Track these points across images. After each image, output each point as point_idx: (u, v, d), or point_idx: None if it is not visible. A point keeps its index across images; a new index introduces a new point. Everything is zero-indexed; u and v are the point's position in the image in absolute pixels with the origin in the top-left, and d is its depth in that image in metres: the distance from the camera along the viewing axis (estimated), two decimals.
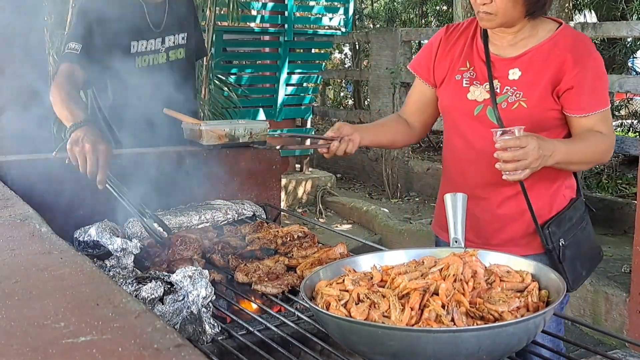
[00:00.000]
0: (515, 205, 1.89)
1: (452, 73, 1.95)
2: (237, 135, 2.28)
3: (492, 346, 1.06)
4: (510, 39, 1.88)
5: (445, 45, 1.99)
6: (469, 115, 1.90)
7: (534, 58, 1.85)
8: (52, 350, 0.78)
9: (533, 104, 1.82)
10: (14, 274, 1.05)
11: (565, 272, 1.87)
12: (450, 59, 1.96)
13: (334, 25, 6.91)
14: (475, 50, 1.94)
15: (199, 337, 1.35)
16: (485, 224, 1.94)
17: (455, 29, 2.02)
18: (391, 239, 5.37)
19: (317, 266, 1.54)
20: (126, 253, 1.67)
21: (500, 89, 1.86)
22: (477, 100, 1.88)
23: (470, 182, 1.91)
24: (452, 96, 1.95)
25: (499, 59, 1.89)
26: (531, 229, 1.90)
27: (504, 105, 1.84)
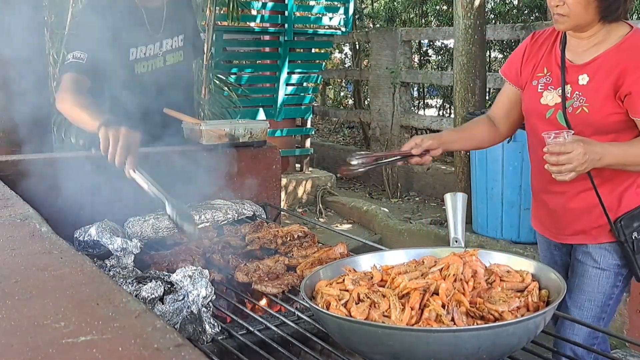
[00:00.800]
0: (585, 199, 2.02)
1: (531, 79, 2.08)
2: (237, 135, 2.28)
3: (492, 346, 1.06)
4: (585, 44, 1.97)
5: (530, 51, 2.11)
6: (542, 118, 2.03)
7: (602, 64, 1.93)
8: (52, 350, 0.78)
9: (594, 109, 1.92)
10: (14, 273, 1.04)
11: (637, 264, 2.01)
12: (533, 65, 2.09)
13: (334, 25, 6.91)
14: (553, 56, 2.04)
15: (199, 336, 1.35)
16: (559, 216, 2.10)
17: (540, 35, 2.12)
18: (391, 238, 5.37)
19: (317, 266, 1.54)
20: (126, 253, 1.67)
21: (571, 93, 1.97)
22: (549, 104, 2.01)
23: (545, 177, 2.01)
24: (529, 101, 2.09)
25: (572, 65, 1.99)
26: (602, 221, 2.02)
27: (570, 110, 1.96)
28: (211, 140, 2.23)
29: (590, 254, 2.06)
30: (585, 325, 1.91)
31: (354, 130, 9.99)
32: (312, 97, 7.02)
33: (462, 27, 4.99)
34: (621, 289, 2.11)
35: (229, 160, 2.26)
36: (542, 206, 2.16)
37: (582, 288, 2.08)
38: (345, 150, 8.23)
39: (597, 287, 2.07)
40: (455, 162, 5.39)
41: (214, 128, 2.25)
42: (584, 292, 2.09)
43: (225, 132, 2.25)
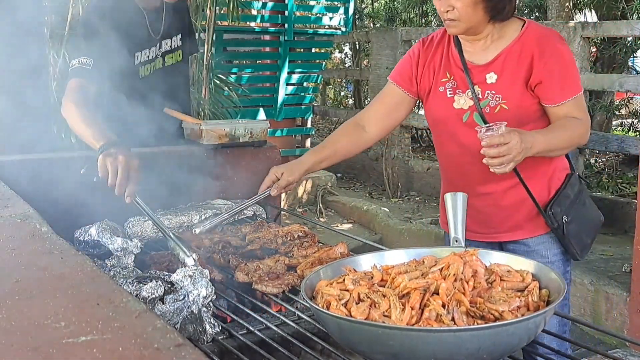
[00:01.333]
0: (516, 194, 2.01)
1: (435, 85, 2.05)
2: (238, 135, 2.28)
3: (493, 346, 1.06)
4: (481, 44, 1.97)
5: (424, 58, 2.08)
6: (459, 123, 2.00)
7: (506, 60, 1.94)
8: (52, 350, 0.78)
9: (513, 104, 1.93)
10: (14, 273, 1.05)
11: (572, 245, 2.03)
12: (433, 71, 2.06)
13: (334, 24, 6.91)
14: (452, 59, 2.03)
15: (199, 336, 1.35)
16: (491, 216, 2.07)
17: (431, 41, 2.10)
18: (391, 238, 5.37)
19: (318, 266, 1.54)
20: (126, 252, 1.67)
21: (482, 94, 1.96)
22: (463, 108, 1.99)
23: (471, 181, 2.02)
24: (440, 107, 2.04)
25: (475, 66, 1.98)
26: (533, 213, 2.03)
27: (487, 109, 1.95)
28: (211, 140, 2.23)
29: (534, 249, 2.05)
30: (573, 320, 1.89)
31: None
32: (313, 96, 7.02)
33: None
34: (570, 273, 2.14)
35: (229, 160, 2.26)
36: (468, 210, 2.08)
37: None
38: None
39: None
40: None
41: (215, 128, 2.25)
42: None
43: (226, 131, 2.25)
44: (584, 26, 4.92)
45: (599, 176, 6.25)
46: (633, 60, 7.57)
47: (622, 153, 5.60)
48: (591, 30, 4.82)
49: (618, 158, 6.54)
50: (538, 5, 7.67)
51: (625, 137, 5.22)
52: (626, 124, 7.73)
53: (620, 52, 6.36)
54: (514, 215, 2.05)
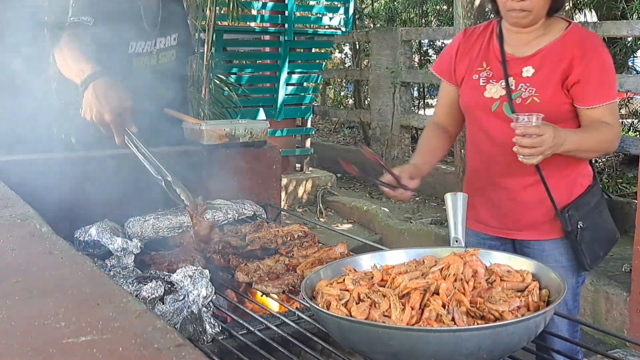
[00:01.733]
0: (534, 192, 2.01)
1: (470, 73, 2.08)
2: (238, 135, 2.27)
3: (493, 346, 1.06)
4: (524, 38, 2.00)
5: (464, 48, 2.11)
6: (487, 112, 2.02)
7: (546, 56, 1.97)
8: (52, 350, 0.78)
9: (545, 99, 1.94)
10: (14, 273, 1.04)
11: (583, 253, 2.02)
12: (469, 60, 2.09)
13: (334, 24, 6.90)
14: (491, 50, 2.05)
15: (199, 336, 1.35)
16: (507, 211, 2.08)
17: (473, 32, 2.14)
18: (391, 238, 5.37)
19: (318, 266, 1.54)
20: (126, 253, 1.67)
21: (515, 86, 1.98)
22: (494, 97, 2.01)
23: (492, 172, 2.06)
24: (471, 95, 2.07)
25: (514, 58, 2.01)
26: (551, 215, 2.02)
27: (519, 100, 1.96)
28: (211, 140, 2.23)
29: (549, 252, 2.04)
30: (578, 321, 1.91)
31: (354, 130, 9.99)
32: (313, 97, 7.01)
33: (462, 27, 4.98)
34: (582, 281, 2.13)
35: (230, 160, 2.26)
36: (486, 202, 2.11)
37: None
38: (345, 150, 8.23)
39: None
40: (456, 162, 5.39)
41: (215, 128, 2.25)
42: None
43: (226, 132, 2.25)
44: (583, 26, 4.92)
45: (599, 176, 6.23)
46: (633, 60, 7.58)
47: (622, 153, 5.60)
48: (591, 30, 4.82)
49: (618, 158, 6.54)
50: None
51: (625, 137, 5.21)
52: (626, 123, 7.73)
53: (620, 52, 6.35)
54: (530, 214, 2.05)
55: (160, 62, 2.42)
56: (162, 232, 1.93)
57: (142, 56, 2.36)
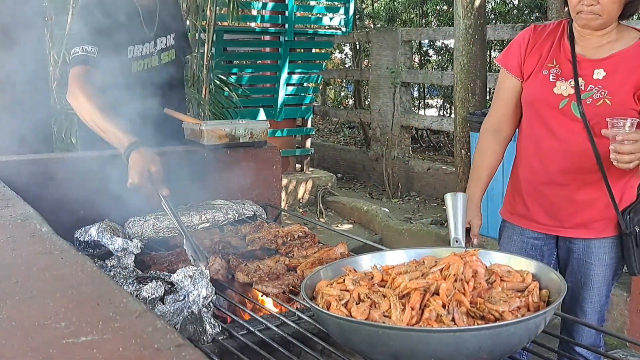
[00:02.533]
0: (592, 191, 2.02)
1: (540, 68, 2.06)
2: (238, 135, 2.28)
3: (493, 346, 1.06)
4: (596, 41, 2.00)
5: (533, 43, 2.09)
6: (554, 108, 2.02)
7: (619, 61, 1.98)
8: (52, 350, 0.78)
9: (617, 102, 1.95)
10: (14, 274, 1.05)
11: (636, 257, 2.04)
12: (539, 55, 2.07)
13: (335, 25, 6.91)
14: (562, 49, 2.05)
15: (199, 337, 1.35)
16: (560, 209, 2.08)
17: (543, 28, 2.12)
18: (392, 238, 5.37)
19: (318, 266, 1.54)
20: (127, 253, 1.67)
21: (584, 86, 1.98)
22: (563, 94, 2.00)
23: (550, 169, 2.05)
24: (539, 89, 2.05)
25: (585, 59, 2.01)
26: (604, 214, 2.03)
27: (589, 101, 1.97)
28: (212, 141, 2.23)
29: (593, 250, 2.06)
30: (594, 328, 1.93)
31: (354, 130, 10.00)
32: (313, 97, 7.01)
33: (463, 27, 4.99)
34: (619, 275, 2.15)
35: (230, 161, 2.26)
36: (538, 198, 2.12)
37: (590, 286, 2.09)
38: (345, 150, 8.23)
39: (603, 283, 2.08)
40: (456, 162, 5.39)
41: (215, 128, 2.25)
42: (592, 290, 2.09)
43: (226, 132, 2.25)
44: None
45: None
46: None
47: None
48: None
49: None
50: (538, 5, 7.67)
51: None
52: None
53: None
54: (584, 212, 2.05)
55: (162, 62, 2.43)
56: (162, 233, 1.93)
57: (143, 58, 2.36)
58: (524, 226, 2.17)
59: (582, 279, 2.10)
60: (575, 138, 1.98)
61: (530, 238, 2.17)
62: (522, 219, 2.17)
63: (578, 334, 2.10)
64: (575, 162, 1.99)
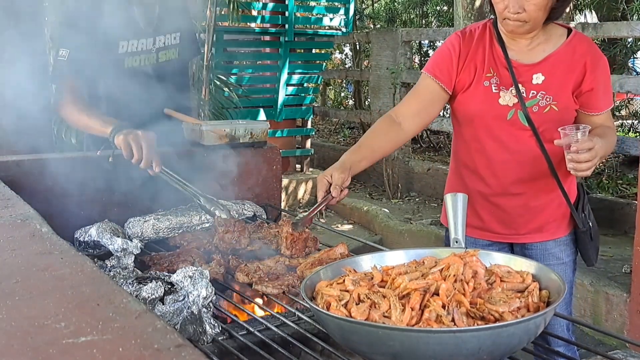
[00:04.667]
0: (546, 196, 2.04)
1: (479, 79, 2.01)
2: (238, 136, 2.28)
3: (493, 346, 1.06)
4: (526, 44, 1.98)
5: (465, 52, 2.03)
6: (502, 120, 1.99)
7: (556, 63, 1.96)
8: (52, 350, 0.78)
9: (562, 106, 1.95)
10: (14, 274, 1.05)
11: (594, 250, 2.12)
12: (475, 67, 2.02)
13: (335, 25, 6.91)
14: (495, 56, 2.01)
15: (199, 337, 1.35)
16: (515, 217, 2.08)
17: (470, 35, 2.06)
18: (391, 239, 5.37)
19: (318, 266, 1.54)
20: (126, 253, 1.67)
21: (526, 92, 1.96)
22: (509, 105, 1.98)
23: (503, 180, 2.04)
24: (482, 102, 2.01)
25: (521, 65, 1.98)
26: (556, 215, 2.07)
27: (535, 109, 1.96)
28: (212, 141, 2.23)
29: (551, 251, 2.09)
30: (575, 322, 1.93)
31: (354, 131, 10.00)
32: (313, 97, 7.02)
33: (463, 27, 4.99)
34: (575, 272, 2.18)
35: (230, 161, 2.26)
36: (491, 210, 2.09)
37: None
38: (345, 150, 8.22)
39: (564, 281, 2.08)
40: None
41: (215, 128, 2.25)
42: None
43: (226, 132, 2.25)
44: (584, 27, 4.92)
45: (599, 177, 6.24)
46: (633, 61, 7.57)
47: (622, 154, 5.60)
48: (591, 31, 4.82)
49: (618, 159, 6.54)
50: None
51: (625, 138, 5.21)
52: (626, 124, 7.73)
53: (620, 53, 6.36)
54: (539, 217, 2.07)
55: (159, 60, 2.41)
56: (162, 233, 1.93)
57: (139, 55, 2.34)
58: (477, 236, 2.14)
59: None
60: (525, 147, 1.97)
61: (484, 246, 2.12)
62: (475, 230, 2.13)
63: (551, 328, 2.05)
64: (529, 171, 2.00)
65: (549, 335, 1.61)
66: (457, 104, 2.07)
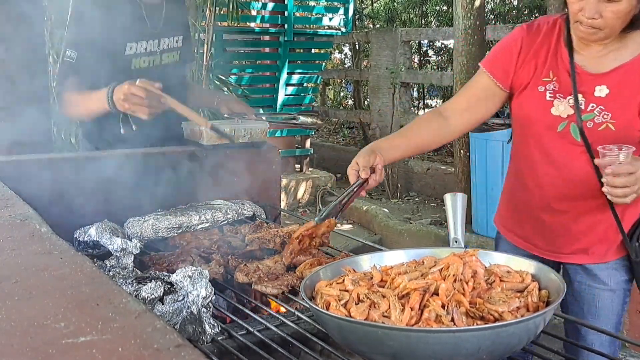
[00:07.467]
0: (593, 217, 1.84)
1: (535, 82, 1.83)
2: (237, 136, 2.27)
3: (492, 346, 1.06)
4: (598, 50, 1.75)
5: (527, 49, 1.84)
6: (552, 130, 1.81)
7: (625, 77, 1.73)
8: (52, 350, 0.78)
9: (621, 126, 1.73)
10: (14, 274, 1.05)
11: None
12: (534, 67, 1.83)
13: (334, 25, 6.91)
14: (559, 58, 1.80)
15: (199, 337, 1.35)
16: (558, 236, 1.91)
17: (537, 29, 1.85)
18: (391, 239, 5.37)
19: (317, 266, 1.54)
20: (126, 253, 1.67)
21: (585, 105, 1.75)
22: (562, 116, 1.78)
23: (546, 194, 1.87)
24: (534, 108, 1.84)
25: (586, 73, 1.76)
26: (606, 238, 1.86)
27: (590, 124, 1.75)
28: (211, 141, 2.22)
29: (596, 275, 1.89)
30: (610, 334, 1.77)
31: (353, 131, 10.00)
32: (312, 97, 7.02)
33: (462, 27, 4.99)
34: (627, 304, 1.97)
35: (229, 161, 2.26)
36: (535, 223, 1.94)
37: (596, 314, 1.91)
38: (345, 150, 8.23)
39: (611, 310, 1.91)
40: (455, 162, 5.39)
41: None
42: (597, 319, 1.91)
43: (226, 132, 2.25)
44: None
45: None
46: None
47: None
48: None
49: None
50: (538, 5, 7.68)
51: None
52: None
53: None
54: (583, 240, 1.88)
55: (163, 62, 2.42)
56: (161, 233, 1.93)
57: (145, 56, 2.35)
58: (518, 245, 2.00)
59: (585, 307, 1.93)
60: (575, 163, 1.77)
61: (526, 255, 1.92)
62: (516, 238, 2.01)
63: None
64: (575, 189, 1.80)
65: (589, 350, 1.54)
66: (512, 104, 1.91)
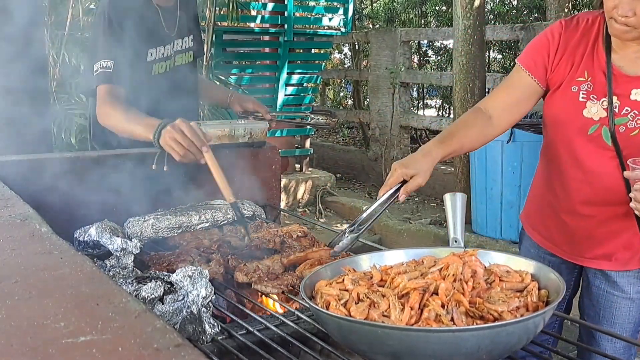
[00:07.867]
0: (619, 223, 1.82)
1: (569, 82, 1.79)
2: (237, 135, 2.27)
3: (492, 346, 1.06)
4: (633, 50, 1.71)
5: (565, 44, 1.79)
6: (582, 133, 1.77)
7: None
8: (51, 350, 0.78)
9: None
10: (14, 274, 1.05)
11: None
12: (571, 65, 1.78)
13: (334, 25, 6.91)
14: (595, 58, 1.76)
15: (198, 336, 1.35)
16: (581, 239, 1.90)
17: (576, 25, 1.80)
18: (391, 238, 5.38)
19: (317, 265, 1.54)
20: (126, 253, 1.67)
21: (619, 108, 1.71)
22: (594, 118, 1.74)
23: (573, 198, 1.85)
24: (566, 109, 1.79)
25: (622, 74, 1.72)
26: (630, 245, 1.84)
27: (622, 129, 1.71)
28: (211, 141, 2.22)
29: (616, 282, 1.88)
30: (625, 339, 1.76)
31: (353, 131, 10.01)
32: (312, 97, 7.02)
33: (462, 27, 4.99)
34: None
35: (229, 161, 2.26)
36: (558, 225, 1.93)
37: (612, 320, 1.91)
38: (344, 150, 8.24)
39: (627, 319, 1.90)
40: (455, 162, 5.39)
41: (214, 128, 2.24)
42: (613, 326, 1.90)
43: (225, 132, 2.25)
44: None
45: None
46: None
47: None
48: None
49: None
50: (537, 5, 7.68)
51: None
52: None
53: None
54: (606, 245, 1.86)
55: (176, 64, 2.42)
56: (161, 233, 1.93)
57: (162, 61, 2.36)
58: (541, 244, 2.00)
59: (601, 312, 1.92)
60: (604, 169, 1.73)
61: (548, 255, 1.99)
62: (540, 237, 2.00)
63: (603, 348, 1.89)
64: (602, 195, 1.77)
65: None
66: (545, 103, 1.87)
